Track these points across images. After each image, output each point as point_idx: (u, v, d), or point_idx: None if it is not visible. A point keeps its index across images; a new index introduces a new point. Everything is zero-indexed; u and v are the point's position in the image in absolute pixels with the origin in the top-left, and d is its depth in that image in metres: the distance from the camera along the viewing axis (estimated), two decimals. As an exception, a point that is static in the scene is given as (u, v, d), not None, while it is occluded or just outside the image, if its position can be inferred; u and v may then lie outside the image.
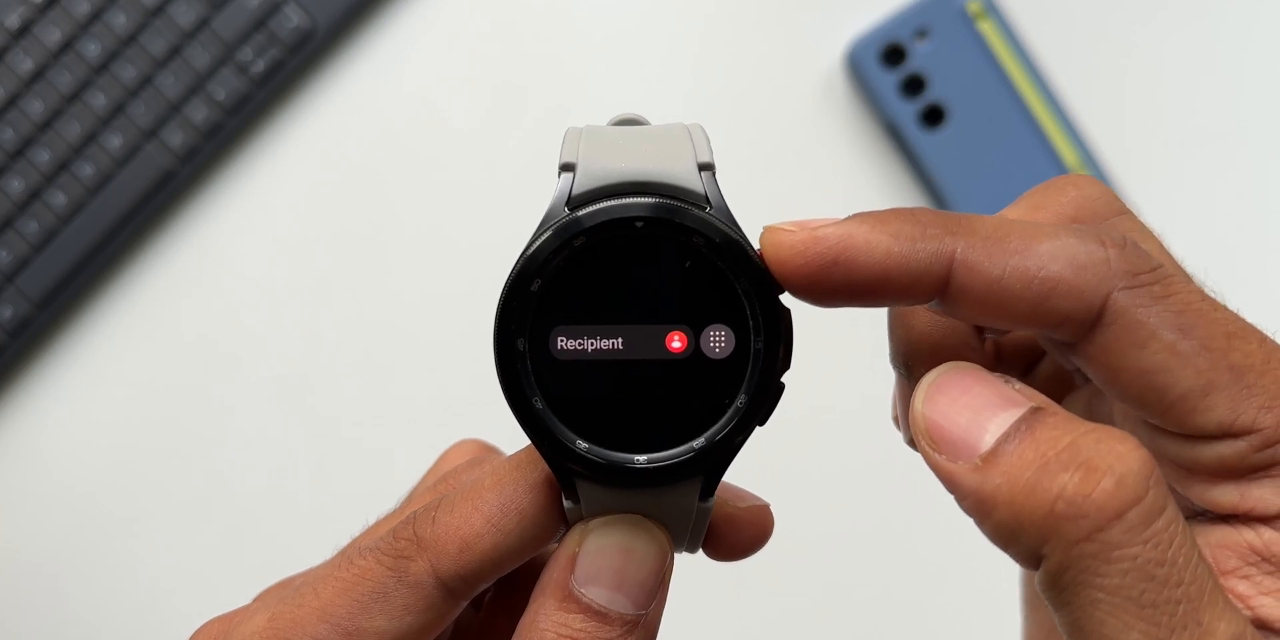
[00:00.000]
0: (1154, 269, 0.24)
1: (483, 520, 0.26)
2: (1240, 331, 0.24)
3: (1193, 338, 0.23)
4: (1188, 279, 0.24)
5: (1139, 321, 0.23)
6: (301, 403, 0.65)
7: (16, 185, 0.63)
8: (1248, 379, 0.23)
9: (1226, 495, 0.24)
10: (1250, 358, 0.23)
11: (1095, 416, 0.28)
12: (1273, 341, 0.24)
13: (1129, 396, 0.24)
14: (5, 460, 0.65)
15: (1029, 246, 0.24)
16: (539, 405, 0.25)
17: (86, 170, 0.63)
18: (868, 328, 0.63)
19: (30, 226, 0.63)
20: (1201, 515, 0.25)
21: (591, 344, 0.25)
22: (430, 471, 0.34)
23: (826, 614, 0.64)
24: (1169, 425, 0.24)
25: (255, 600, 0.30)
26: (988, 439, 0.23)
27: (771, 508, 0.30)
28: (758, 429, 0.25)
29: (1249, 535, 0.24)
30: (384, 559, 0.26)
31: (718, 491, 0.26)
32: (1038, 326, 0.24)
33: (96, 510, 0.65)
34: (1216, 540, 0.24)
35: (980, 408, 0.23)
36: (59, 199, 0.63)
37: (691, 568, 0.33)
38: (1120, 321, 0.23)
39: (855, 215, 0.24)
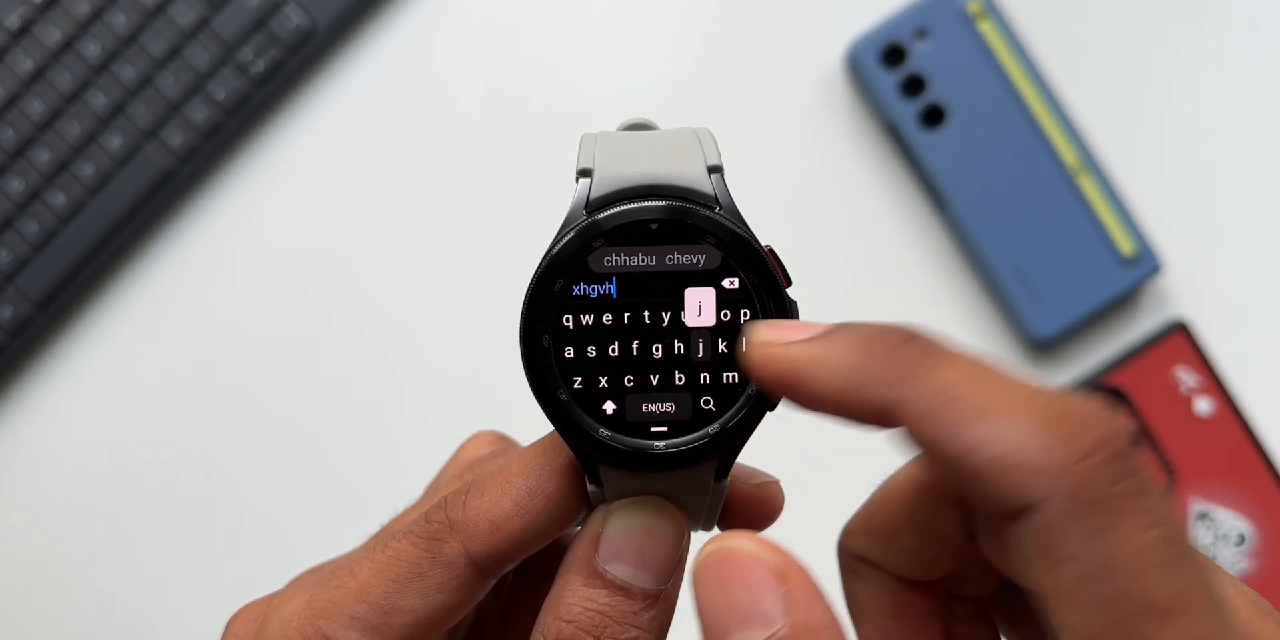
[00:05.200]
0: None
1: (512, 503, 0.27)
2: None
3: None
4: None
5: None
6: (302, 403, 0.65)
7: (16, 185, 0.63)
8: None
9: None
10: None
11: None
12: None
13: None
14: (5, 460, 0.65)
15: (965, 423, 0.21)
16: (564, 397, 0.26)
17: (86, 170, 0.63)
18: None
19: (30, 226, 0.63)
20: None
21: None
22: (450, 461, 0.35)
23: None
24: None
25: (290, 585, 0.31)
26: None
27: (781, 484, 0.31)
28: (770, 413, 0.27)
29: None
30: (418, 541, 0.28)
31: (731, 471, 0.28)
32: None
33: (96, 510, 0.65)
34: None
35: (729, 611, 0.23)
36: (59, 199, 0.63)
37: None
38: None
39: (828, 334, 0.24)
